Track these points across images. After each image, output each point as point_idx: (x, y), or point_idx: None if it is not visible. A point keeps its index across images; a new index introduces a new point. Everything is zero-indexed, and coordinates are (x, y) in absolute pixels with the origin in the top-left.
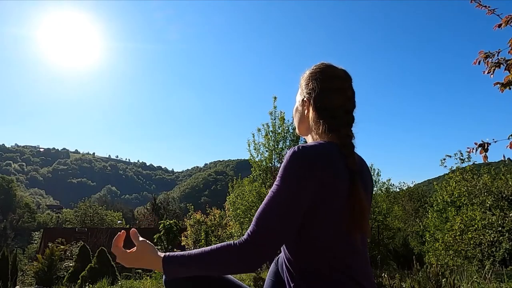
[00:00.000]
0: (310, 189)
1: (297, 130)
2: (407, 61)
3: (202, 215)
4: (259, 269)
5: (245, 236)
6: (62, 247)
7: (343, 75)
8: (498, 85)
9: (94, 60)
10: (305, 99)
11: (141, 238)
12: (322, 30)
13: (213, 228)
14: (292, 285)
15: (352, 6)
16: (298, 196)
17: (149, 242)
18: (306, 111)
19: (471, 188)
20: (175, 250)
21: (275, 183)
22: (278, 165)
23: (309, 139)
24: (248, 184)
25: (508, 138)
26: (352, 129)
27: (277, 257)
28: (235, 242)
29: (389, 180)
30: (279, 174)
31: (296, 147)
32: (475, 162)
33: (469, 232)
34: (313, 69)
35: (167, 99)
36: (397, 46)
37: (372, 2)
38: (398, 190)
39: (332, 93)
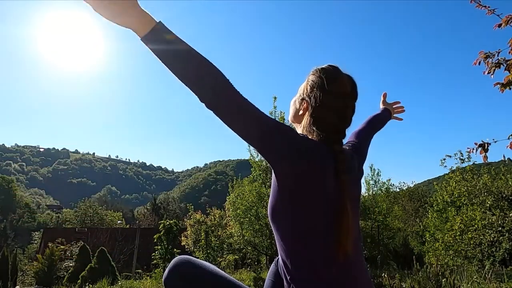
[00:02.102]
0: (296, 168)
1: (289, 118)
2: (407, 61)
3: (202, 215)
4: (259, 269)
5: None
6: (62, 247)
7: (348, 91)
8: (498, 85)
9: (94, 60)
10: (304, 101)
11: None
12: (321, 29)
13: (213, 228)
14: (288, 285)
15: (351, 6)
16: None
17: None
18: (301, 112)
19: (471, 188)
20: (175, 250)
21: None
22: None
23: (299, 130)
24: (248, 184)
25: (508, 138)
26: (342, 144)
27: (277, 258)
28: None
29: (389, 180)
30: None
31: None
32: (475, 162)
33: (469, 232)
34: (322, 74)
35: (167, 99)
36: (397, 46)
37: (371, 2)
38: (398, 190)
39: (329, 111)
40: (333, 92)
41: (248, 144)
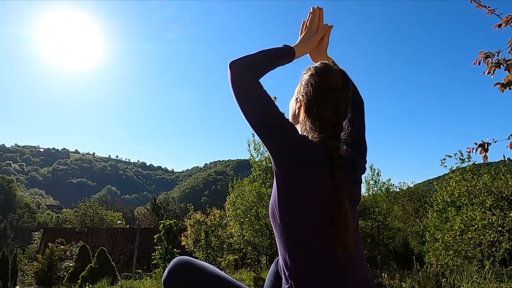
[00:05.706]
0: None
1: (288, 119)
2: (408, 61)
3: (202, 215)
4: (259, 269)
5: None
6: (62, 247)
7: (340, 85)
8: (498, 85)
9: (94, 60)
10: (298, 99)
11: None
12: None
13: (213, 228)
14: (286, 286)
15: (351, 5)
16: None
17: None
18: (297, 111)
19: (471, 188)
20: (175, 250)
21: None
22: None
23: (298, 128)
24: (248, 184)
25: (508, 138)
26: (339, 138)
27: (277, 258)
28: None
29: (389, 180)
30: None
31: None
32: (475, 162)
33: (469, 232)
34: (313, 71)
35: (167, 99)
36: (398, 46)
37: (371, 2)
38: (398, 190)
39: (322, 105)
40: (323, 86)
41: (256, 130)
